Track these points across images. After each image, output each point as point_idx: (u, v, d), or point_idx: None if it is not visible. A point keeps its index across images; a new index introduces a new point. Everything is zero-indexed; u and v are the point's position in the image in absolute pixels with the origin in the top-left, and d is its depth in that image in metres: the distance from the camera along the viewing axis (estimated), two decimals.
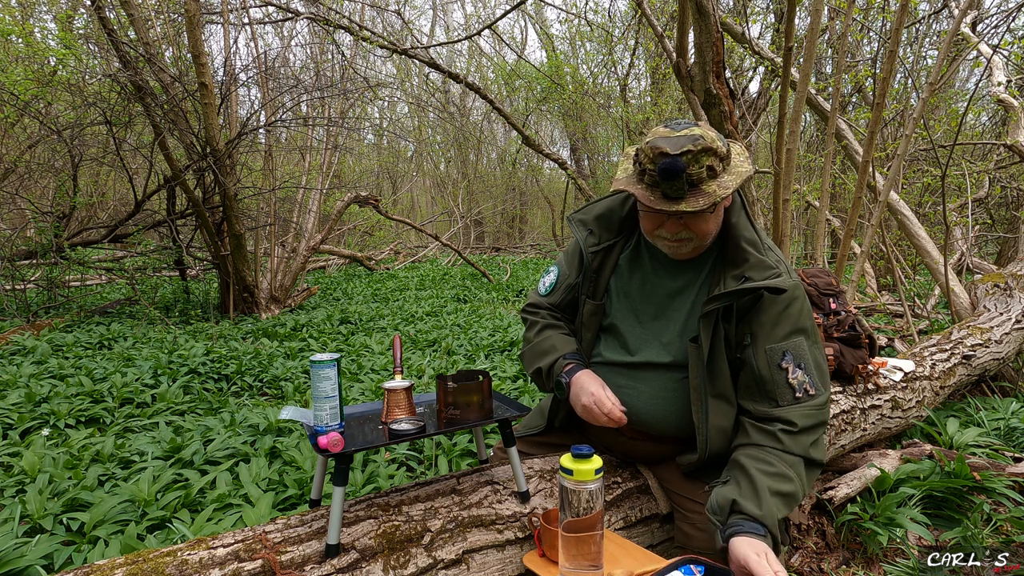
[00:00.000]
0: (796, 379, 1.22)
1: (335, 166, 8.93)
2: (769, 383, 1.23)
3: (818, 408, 1.23)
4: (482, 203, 19.94)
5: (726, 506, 1.15)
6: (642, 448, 1.46)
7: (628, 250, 1.42)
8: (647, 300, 1.38)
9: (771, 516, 1.12)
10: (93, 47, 7.23)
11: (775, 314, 1.24)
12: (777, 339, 1.23)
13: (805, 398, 1.22)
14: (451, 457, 2.42)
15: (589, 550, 1.09)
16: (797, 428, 1.20)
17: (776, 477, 1.16)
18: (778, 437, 1.21)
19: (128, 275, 6.14)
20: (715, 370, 1.27)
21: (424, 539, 1.17)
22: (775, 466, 1.18)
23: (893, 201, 4.33)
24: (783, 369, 1.22)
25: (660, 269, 1.38)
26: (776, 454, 1.20)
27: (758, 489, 1.14)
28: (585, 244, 1.42)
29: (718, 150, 1.16)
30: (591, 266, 1.42)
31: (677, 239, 1.26)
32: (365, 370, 3.86)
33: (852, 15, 4.29)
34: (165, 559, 1.03)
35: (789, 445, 1.20)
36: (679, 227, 1.23)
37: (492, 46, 15.09)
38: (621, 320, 1.40)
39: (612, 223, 1.43)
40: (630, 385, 1.38)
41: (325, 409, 1.20)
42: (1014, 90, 5.29)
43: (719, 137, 1.18)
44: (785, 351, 1.23)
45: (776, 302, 1.24)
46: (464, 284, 9.45)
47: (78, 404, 2.96)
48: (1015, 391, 3.19)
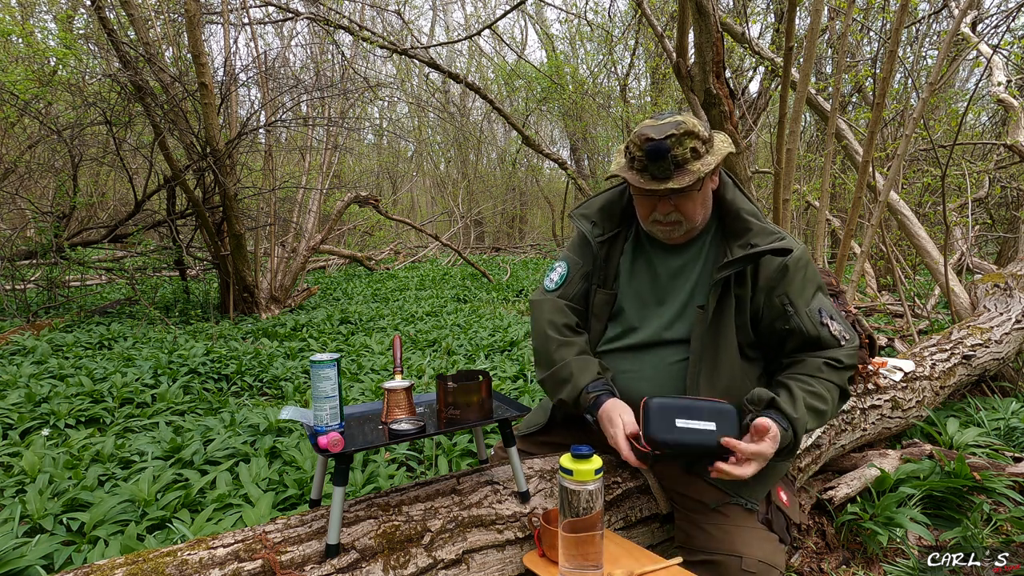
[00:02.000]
0: (837, 330, 1.35)
1: (335, 166, 8.93)
2: (820, 340, 1.34)
3: (855, 348, 1.37)
4: (482, 203, 19.94)
5: (765, 399, 1.26)
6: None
7: (630, 238, 1.49)
8: (652, 282, 1.44)
9: (802, 420, 1.24)
10: (93, 47, 7.23)
11: (800, 280, 1.34)
12: (808, 300, 1.34)
13: (846, 343, 1.35)
14: (451, 457, 2.42)
15: (589, 550, 1.09)
16: (843, 365, 1.33)
17: (814, 396, 1.29)
18: (823, 368, 1.32)
19: (128, 275, 6.14)
20: (719, 334, 1.34)
21: (424, 539, 1.17)
22: (815, 387, 1.30)
23: (893, 201, 4.33)
24: (825, 324, 1.34)
25: (660, 252, 1.45)
26: (818, 379, 1.31)
27: (796, 399, 1.27)
28: (592, 235, 1.48)
29: (700, 133, 1.26)
30: (599, 255, 1.48)
31: (669, 221, 1.34)
32: (365, 370, 3.86)
33: (852, 15, 4.29)
34: (165, 559, 1.03)
35: (831, 376, 1.32)
36: (669, 207, 1.32)
37: (492, 46, 15.10)
38: (627, 304, 1.46)
39: (613, 214, 1.49)
40: (633, 369, 1.41)
41: (325, 409, 1.20)
42: (1014, 90, 5.28)
43: (701, 123, 1.28)
44: (820, 308, 1.35)
45: (797, 268, 1.33)
46: (464, 284, 9.45)
47: (78, 404, 2.96)
48: (1015, 391, 3.19)
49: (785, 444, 1.22)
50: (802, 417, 1.24)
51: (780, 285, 1.32)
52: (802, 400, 1.26)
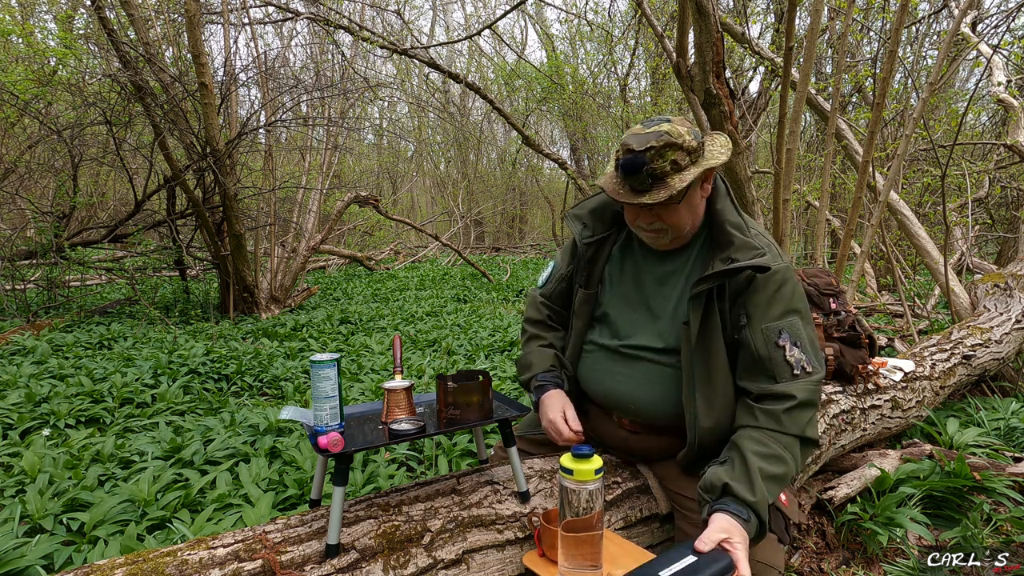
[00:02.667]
0: (793, 357, 1.25)
1: (335, 166, 8.93)
2: (768, 361, 1.26)
3: (815, 384, 1.26)
4: (482, 203, 19.94)
5: (719, 486, 1.18)
6: (643, 443, 1.46)
7: (620, 241, 1.49)
8: (639, 287, 1.43)
9: (762, 502, 1.15)
10: (93, 47, 7.23)
11: (768, 294, 1.27)
12: (772, 319, 1.27)
13: (803, 375, 1.25)
14: (451, 457, 2.42)
15: (589, 550, 1.09)
16: (796, 401, 1.23)
17: (770, 459, 1.19)
18: (777, 417, 1.23)
19: (128, 275, 6.13)
20: (708, 352, 1.29)
21: (424, 539, 1.17)
22: (770, 447, 1.20)
23: (893, 201, 4.33)
24: (780, 347, 1.25)
25: (650, 257, 1.43)
26: (772, 435, 1.22)
27: (751, 472, 1.17)
28: (580, 236, 1.49)
29: (685, 145, 1.21)
30: (584, 256, 1.49)
31: (653, 229, 1.32)
32: (365, 370, 3.86)
33: (852, 15, 4.29)
34: (165, 559, 1.03)
35: (787, 425, 1.22)
36: (652, 217, 1.29)
37: (492, 46, 15.10)
38: (613, 307, 1.45)
39: (605, 216, 1.49)
40: (625, 372, 1.41)
41: (325, 409, 1.20)
42: (1014, 90, 5.28)
43: (691, 132, 1.23)
44: (781, 330, 1.26)
45: (768, 283, 1.27)
46: (464, 284, 9.45)
47: (78, 404, 2.96)
48: (1015, 391, 3.19)
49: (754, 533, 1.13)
50: (761, 497, 1.14)
51: (743, 295, 1.28)
52: (758, 471, 1.16)
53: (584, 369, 1.50)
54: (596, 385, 1.47)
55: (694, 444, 1.32)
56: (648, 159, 1.19)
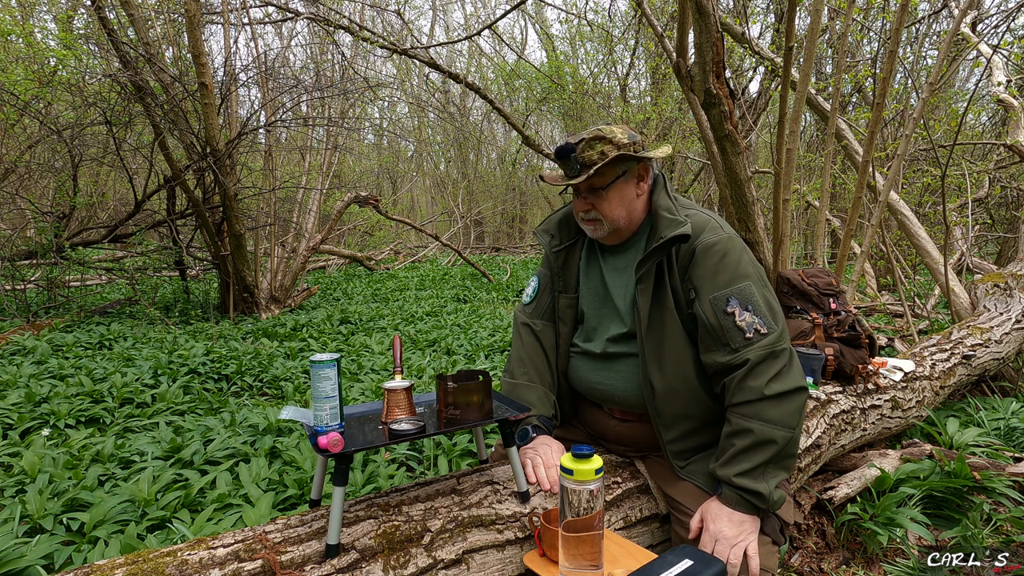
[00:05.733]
0: (744, 321, 1.27)
1: (335, 166, 8.93)
2: (719, 330, 1.29)
3: (772, 343, 1.26)
4: (482, 203, 19.94)
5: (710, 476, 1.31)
6: (631, 430, 1.51)
7: (585, 245, 1.58)
8: (601, 283, 1.51)
9: (726, 472, 1.25)
10: (93, 47, 7.23)
11: (711, 265, 1.31)
12: (719, 287, 1.30)
13: (756, 337, 1.26)
14: (451, 457, 2.42)
15: (589, 550, 1.09)
16: (750, 364, 1.25)
17: (737, 435, 1.26)
18: (740, 387, 1.26)
19: (128, 275, 6.13)
20: (661, 328, 1.36)
21: (424, 539, 1.17)
22: (733, 423, 1.27)
23: (893, 201, 4.33)
24: (729, 314, 1.28)
25: (607, 255, 1.52)
26: (737, 409, 1.27)
27: (719, 451, 1.29)
28: (549, 247, 1.57)
29: (615, 140, 1.33)
30: (557, 264, 1.57)
31: (589, 219, 1.42)
32: (365, 370, 3.86)
33: (852, 15, 4.28)
34: (165, 559, 1.03)
35: (749, 391, 1.25)
36: (587, 205, 1.40)
37: (492, 46, 15.10)
38: (586, 304, 1.54)
39: (571, 225, 1.58)
40: (604, 378, 1.48)
41: (325, 409, 1.20)
42: (1014, 90, 5.28)
43: (627, 134, 1.35)
44: (728, 296, 1.29)
45: (709, 254, 1.31)
46: (464, 284, 9.45)
47: (78, 404, 2.96)
48: (1015, 391, 3.19)
49: (733, 503, 1.23)
50: (726, 470, 1.25)
51: (689, 269, 1.33)
52: (725, 448, 1.27)
53: (572, 370, 1.57)
54: (583, 383, 1.54)
55: (657, 417, 1.39)
56: (577, 148, 1.34)
